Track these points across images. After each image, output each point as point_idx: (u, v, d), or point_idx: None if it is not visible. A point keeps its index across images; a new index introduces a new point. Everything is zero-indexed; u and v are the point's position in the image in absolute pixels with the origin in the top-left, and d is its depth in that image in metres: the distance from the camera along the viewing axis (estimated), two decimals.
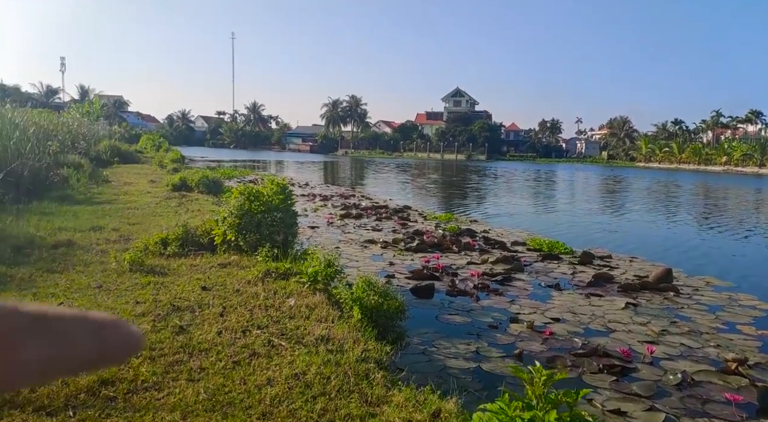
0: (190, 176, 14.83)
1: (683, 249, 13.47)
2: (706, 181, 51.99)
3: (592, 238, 14.37)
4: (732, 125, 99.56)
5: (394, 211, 17.02)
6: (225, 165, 46.61)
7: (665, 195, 33.60)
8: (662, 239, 14.97)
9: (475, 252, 11.01)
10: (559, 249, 11.45)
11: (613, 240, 14.10)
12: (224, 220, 6.69)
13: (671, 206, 25.33)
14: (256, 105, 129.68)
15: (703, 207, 25.80)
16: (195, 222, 9.24)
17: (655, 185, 42.79)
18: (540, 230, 14.97)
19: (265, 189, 7.10)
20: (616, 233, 15.61)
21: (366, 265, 9.48)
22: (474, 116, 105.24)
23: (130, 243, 7.61)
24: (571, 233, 15.15)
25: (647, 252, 12.21)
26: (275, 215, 6.56)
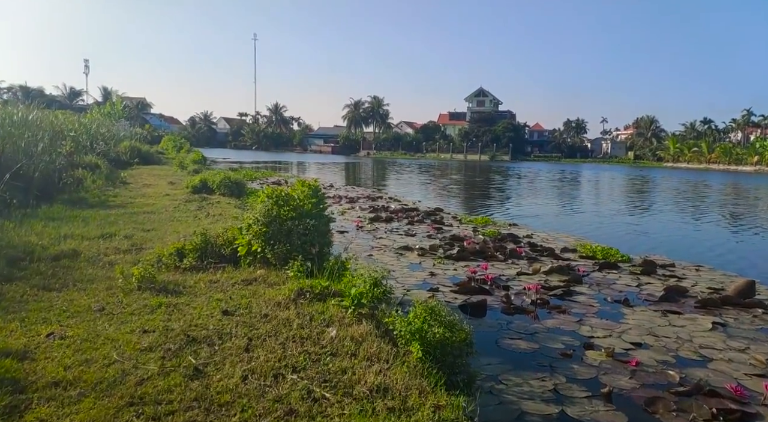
0: (211, 177, 14.01)
1: (749, 257, 12.20)
2: (740, 181, 49.88)
3: (643, 243, 13.18)
4: (764, 123, 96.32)
5: (425, 214, 15.99)
6: (247, 166, 46.09)
7: (707, 196, 31.97)
8: (719, 245, 13.68)
9: (522, 261, 9.93)
10: (615, 257, 10.32)
11: (666, 245, 12.89)
12: (249, 228, 5.76)
13: (716, 208, 23.84)
14: (278, 106, 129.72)
15: (749, 209, 24.24)
16: (216, 229, 8.36)
17: (688, 185, 41.02)
18: (585, 233, 13.83)
19: (296, 192, 6.15)
20: (667, 238, 14.37)
21: (404, 276, 8.48)
22: (497, 116, 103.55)
23: (142, 254, 6.73)
24: (617, 236, 13.98)
25: (710, 260, 11.01)
26: (308, 222, 5.61)
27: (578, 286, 8.25)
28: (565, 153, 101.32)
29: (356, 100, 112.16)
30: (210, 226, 8.89)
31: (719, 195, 33.29)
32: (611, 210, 21.09)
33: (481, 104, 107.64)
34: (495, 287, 7.89)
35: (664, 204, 24.89)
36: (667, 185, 41.14)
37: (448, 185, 35.26)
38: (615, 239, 13.22)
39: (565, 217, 18.19)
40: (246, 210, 10.14)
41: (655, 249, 12.15)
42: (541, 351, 5.59)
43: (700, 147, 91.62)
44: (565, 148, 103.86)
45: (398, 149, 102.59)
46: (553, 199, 26.24)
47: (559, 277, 8.65)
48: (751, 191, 37.66)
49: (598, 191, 33.87)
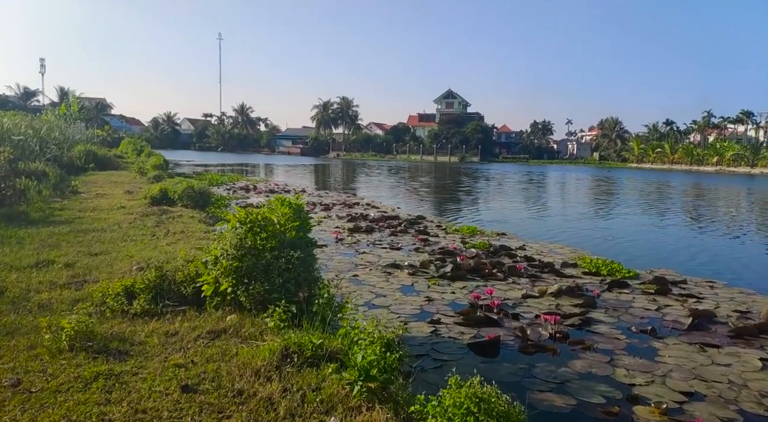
0: (172, 186, 12.61)
1: (753, 267, 11.56)
2: (706, 181, 50.61)
3: (639, 253, 12.42)
4: (723, 125, 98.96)
5: (408, 222, 14.94)
6: (212, 170, 44.26)
7: (680, 198, 31.90)
8: (720, 255, 13.04)
9: (524, 279, 8.97)
10: (621, 272, 9.47)
11: (663, 256, 12.16)
12: (216, 262, 4.58)
13: (693, 212, 23.53)
14: (244, 107, 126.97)
15: (726, 210, 24.04)
16: (177, 250, 7.14)
17: (658, 186, 41.15)
18: (577, 243, 13.01)
19: (275, 214, 4.99)
20: (660, 246, 13.66)
21: (398, 302, 7.40)
22: (466, 118, 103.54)
23: (84, 289, 5.48)
24: (609, 246, 13.19)
25: (715, 272, 10.30)
26: (291, 253, 4.47)
27: (593, 310, 7.32)
28: (532, 154, 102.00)
29: (325, 101, 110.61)
30: (169, 248, 7.64)
31: (690, 197, 33.31)
32: (592, 214, 20.47)
33: (450, 106, 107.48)
34: (503, 317, 6.88)
35: (641, 207, 24.47)
36: (637, 186, 41.20)
37: (421, 188, 34.37)
38: (609, 249, 12.46)
39: (547, 223, 17.41)
40: (211, 234, 8.89)
41: (654, 260, 11.39)
42: (580, 409, 4.59)
43: (664, 148, 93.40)
44: (532, 149, 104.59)
45: (368, 151, 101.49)
46: (529, 203, 25.57)
47: (570, 300, 7.71)
48: (713, 191, 37.96)
49: (572, 194, 33.46)
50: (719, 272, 10.41)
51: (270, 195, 22.66)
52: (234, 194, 22.30)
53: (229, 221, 4.88)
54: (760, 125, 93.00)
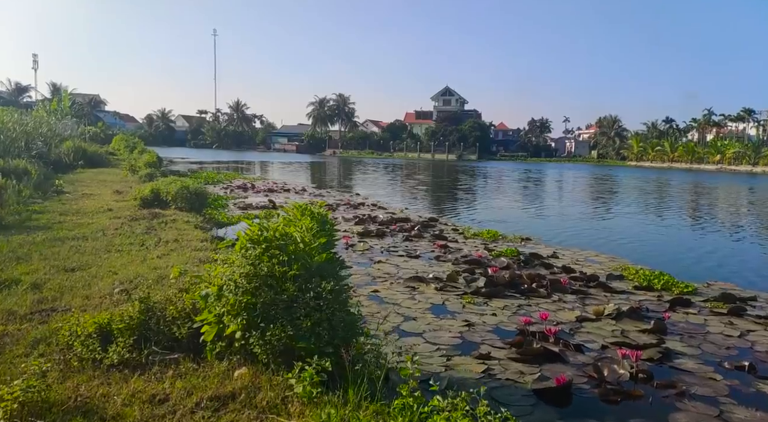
0: (165, 186, 11.34)
1: None
2: (710, 180, 49.77)
3: (679, 260, 11.30)
4: (723, 123, 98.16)
5: (421, 225, 13.75)
6: (207, 167, 42.95)
7: (696, 198, 30.84)
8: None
9: (570, 296, 7.79)
10: (677, 287, 8.32)
11: (712, 263, 11.03)
12: (220, 295, 3.38)
13: (721, 213, 22.44)
14: (239, 104, 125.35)
15: (747, 211, 22.96)
16: (169, 265, 5.93)
17: (666, 185, 40.13)
18: (609, 249, 11.88)
19: (295, 226, 3.79)
20: (703, 252, 12.51)
21: (431, 328, 6.21)
22: (464, 115, 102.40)
23: (51, 321, 4.27)
24: (646, 251, 12.05)
25: None
26: (323, 285, 3.27)
27: (666, 338, 6.15)
28: (530, 152, 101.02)
29: (321, 98, 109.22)
30: (160, 262, 6.41)
31: (701, 196, 32.26)
32: (609, 215, 19.31)
33: (447, 103, 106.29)
34: (565, 348, 5.70)
35: (657, 208, 23.37)
36: (642, 185, 40.18)
37: (421, 187, 33.18)
38: (647, 257, 11.30)
39: (566, 225, 16.22)
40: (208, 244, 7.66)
41: (703, 270, 10.30)
42: None
43: (664, 146, 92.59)
44: (530, 147, 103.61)
45: (365, 148, 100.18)
46: (537, 202, 24.42)
47: (634, 325, 6.54)
48: (723, 190, 36.96)
49: (579, 193, 32.31)
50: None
51: (269, 194, 21.42)
52: (231, 194, 21.06)
53: (237, 239, 3.66)
54: (761, 123, 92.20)
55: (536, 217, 18.56)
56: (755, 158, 79.13)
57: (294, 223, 4.11)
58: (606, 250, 11.78)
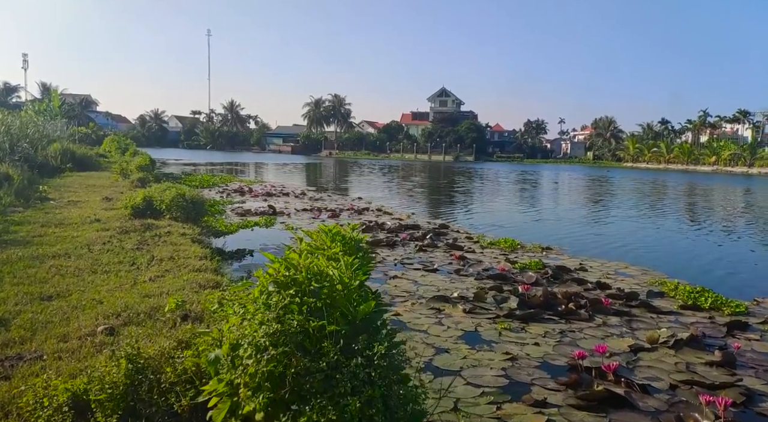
0: (158, 194, 10.40)
1: None
2: (708, 182, 49.34)
3: (706, 270, 10.53)
4: (719, 124, 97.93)
5: (433, 234, 12.91)
6: (201, 169, 41.98)
7: (701, 199, 30.14)
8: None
9: (614, 318, 6.97)
10: (728, 306, 7.51)
11: (751, 276, 10.25)
12: (233, 356, 2.52)
13: (734, 216, 21.71)
14: (233, 104, 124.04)
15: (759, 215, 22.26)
16: (164, 291, 5.08)
17: (666, 186, 39.49)
18: (636, 259, 11.08)
19: (330, 261, 2.93)
20: (736, 262, 11.72)
21: (469, 363, 5.36)
22: (460, 117, 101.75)
23: (15, 373, 3.39)
24: (679, 262, 11.29)
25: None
26: (377, 348, 2.42)
27: (738, 373, 5.34)
28: (526, 154, 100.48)
29: (317, 99, 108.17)
30: (153, 287, 5.53)
31: (705, 199, 31.58)
32: (622, 218, 18.52)
33: (444, 104, 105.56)
34: (629, 389, 4.87)
35: (666, 211, 22.63)
36: (641, 187, 39.52)
37: (422, 189, 32.36)
38: (684, 269, 10.54)
39: (581, 232, 15.40)
40: (208, 263, 6.79)
41: (730, 280, 9.58)
42: None
43: (660, 147, 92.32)
44: (526, 148, 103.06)
45: (361, 149, 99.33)
46: (542, 206, 23.64)
47: (697, 355, 5.73)
48: (728, 192, 36.36)
49: (582, 195, 31.53)
50: None
51: (268, 198, 20.53)
52: (228, 198, 20.15)
53: (259, 280, 2.79)
54: (756, 124, 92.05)
55: (544, 222, 17.75)
56: (751, 160, 78.96)
57: (324, 252, 3.25)
58: (633, 260, 10.97)
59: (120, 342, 3.82)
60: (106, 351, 3.28)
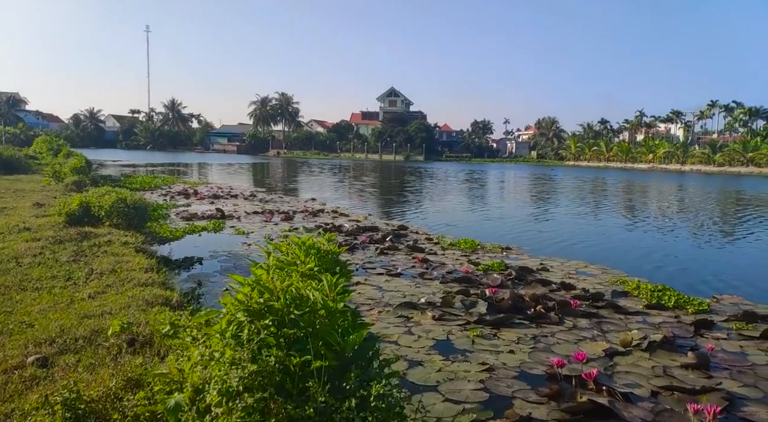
0: (97, 199, 9.55)
1: None
2: (646, 179, 51.60)
3: (672, 267, 10.68)
4: (654, 123, 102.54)
5: (393, 235, 12.60)
6: (142, 170, 40.17)
7: (634, 194, 31.22)
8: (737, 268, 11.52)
9: (583, 320, 6.84)
10: (691, 304, 7.54)
11: (705, 272, 10.45)
12: (198, 403, 2.08)
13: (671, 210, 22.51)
14: (174, 103, 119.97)
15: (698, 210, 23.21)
16: (105, 310, 4.54)
17: (607, 183, 40.82)
18: (591, 257, 11.11)
19: (307, 282, 2.52)
20: (685, 257, 11.97)
21: (445, 376, 5.05)
22: (409, 117, 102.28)
23: None
24: (633, 259, 11.40)
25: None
26: (375, 387, 2.04)
27: (715, 375, 5.26)
28: (474, 153, 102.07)
29: (263, 97, 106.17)
30: (93, 305, 4.94)
31: (639, 194, 32.78)
32: (572, 216, 18.83)
33: (393, 104, 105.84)
34: (612, 398, 4.68)
35: (613, 207, 23.24)
36: (587, 184, 40.71)
37: (375, 189, 32.08)
38: (637, 265, 10.64)
39: (532, 229, 15.48)
40: (155, 275, 6.21)
41: (683, 277, 9.73)
42: None
43: (600, 146, 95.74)
44: (473, 148, 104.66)
45: (311, 149, 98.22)
46: (493, 204, 23.83)
47: (671, 358, 5.64)
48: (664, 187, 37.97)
49: (528, 193, 32.06)
50: None
51: (215, 201, 19.67)
52: (172, 201, 19.17)
53: (225, 309, 2.35)
54: (687, 124, 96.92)
55: (498, 220, 17.78)
56: (684, 158, 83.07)
57: (297, 269, 2.83)
58: (590, 259, 11.00)
59: (55, 375, 3.27)
60: (38, 392, 2.74)
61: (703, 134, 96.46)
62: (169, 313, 4.72)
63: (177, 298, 5.27)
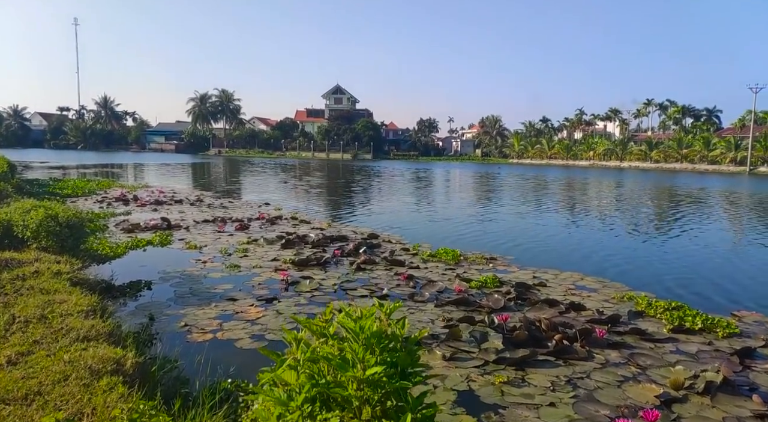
0: (21, 215, 7.78)
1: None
2: (589, 175, 52.80)
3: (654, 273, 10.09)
4: (593, 121, 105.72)
5: (366, 245, 11.45)
6: (72, 173, 37.15)
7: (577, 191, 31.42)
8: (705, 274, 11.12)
9: (613, 352, 5.96)
10: (720, 326, 6.81)
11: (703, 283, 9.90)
12: None
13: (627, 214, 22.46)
14: (107, 100, 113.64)
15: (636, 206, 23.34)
16: (35, 389, 3.22)
17: (552, 180, 41.22)
18: (577, 266, 10.37)
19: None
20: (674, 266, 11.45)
21: None
22: (356, 115, 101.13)
23: None
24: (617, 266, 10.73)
25: None
26: None
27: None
28: (420, 151, 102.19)
29: (202, 94, 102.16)
30: (15, 377, 3.58)
31: (579, 191, 33.09)
32: (534, 216, 18.28)
33: (339, 102, 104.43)
34: None
35: (566, 207, 23.00)
36: (533, 182, 40.93)
37: (330, 190, 30.76)
38: (627, 274, 10.04)
39: (496, 231, 14.72)
40: (99, 324, 4.83)
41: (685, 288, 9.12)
42: None
43: (542, 144, 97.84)
44: (420, 146, 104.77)
45: (254, 147, 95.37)
46: (452, 204, 23.09)
47: (736, 404, 4.81)
48: (610, 184, 38.67)
49: (478, 192, 31.67)
50: None
51: (158, 208, 17.86)
52: (109, 209, 17.27)
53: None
54: (624, 122, 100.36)
55: (466, 224, 16.90)
56: (622, 154, 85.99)
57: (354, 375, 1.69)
58: (582, 269, 10.26)
59: None
60: None
61: (636, 132, 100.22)
62: (123, 391, 3.44)
63: (132, 361, 3.95)
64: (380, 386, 1.79)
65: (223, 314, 6.98)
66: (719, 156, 73.16)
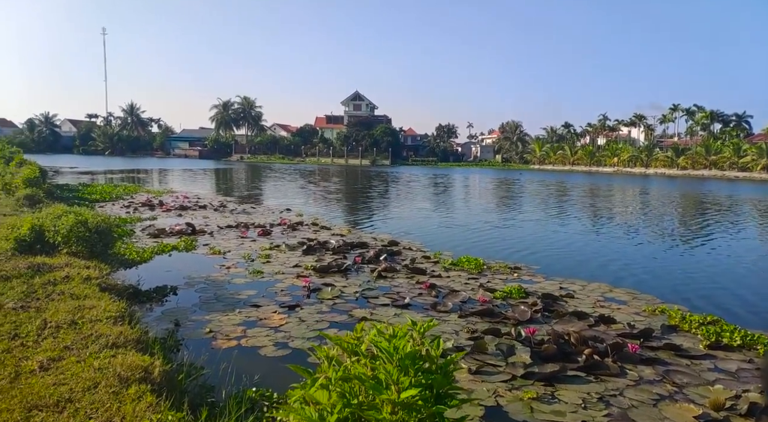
0: (52, 220, 7.94)
1: None
2: (614, 182, 51.94)
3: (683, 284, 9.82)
4: (617, 127, 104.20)
5: (387, 253, 11.39)
6: (100, 178, 37.84)
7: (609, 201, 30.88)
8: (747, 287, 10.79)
9: (646, 369, 5.79)
10: (759, 343, 6.59)
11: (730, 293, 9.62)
12: None
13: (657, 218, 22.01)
14: (133, 106, 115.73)
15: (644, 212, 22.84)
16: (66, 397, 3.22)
17: (578, 187, 40.64)
18: (604, 276, 10.18)
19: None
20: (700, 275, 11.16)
21: None
22: (374, 121, 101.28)
23: None
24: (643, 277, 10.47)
25: None
26: None
27: None
28: (439, 157, 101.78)
29: (225, 101, 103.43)
30: (47, 383, 3.60)
31: (608, 200, 32.52)
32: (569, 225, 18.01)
33: (358, 108, 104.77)
34: None
35: (604, 216, 22.62)
36: (556, 189, 40.42)
37: (350, 195, 30.78)
38: (653, 284, 9.80)
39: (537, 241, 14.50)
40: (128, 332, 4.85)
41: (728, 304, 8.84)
42: None
43: (565, 150, 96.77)
44: (439, 152, 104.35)
45: (275, 153, 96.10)
46: (477, 211, 22.87)
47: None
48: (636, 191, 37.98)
49: (502, 198, 31.35)
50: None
51: (183, 213, 18.06)
52: (136, 214, 17.52)
53: None
54: (650, 127, 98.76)
55: (490, 231, 16.70)
56: (648, 161, 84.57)
57: (388, 397, 1.62)
58: (610, 280, 10.04)
59: None
60: None
61: (662, 138, 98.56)
62: (151, 399, 3.43)
63: (159, 369, 3.95)
64: (416, 409, 1.72)
65: (247, 320, 7.00)
66: (750, 163, 71.21)
